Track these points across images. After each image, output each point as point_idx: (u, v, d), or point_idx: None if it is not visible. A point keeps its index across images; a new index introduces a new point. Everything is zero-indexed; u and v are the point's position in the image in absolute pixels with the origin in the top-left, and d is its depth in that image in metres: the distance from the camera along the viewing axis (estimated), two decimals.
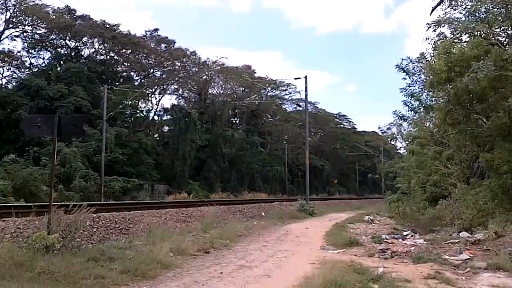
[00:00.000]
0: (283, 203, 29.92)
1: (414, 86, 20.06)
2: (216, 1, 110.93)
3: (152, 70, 57.47)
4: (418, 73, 19.94)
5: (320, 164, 70.74)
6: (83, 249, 9.01)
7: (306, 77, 32.50)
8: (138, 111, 51.41)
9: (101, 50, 54.80)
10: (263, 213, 22.30)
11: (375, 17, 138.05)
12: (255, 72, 64.16)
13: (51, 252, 7.92)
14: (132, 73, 57.39)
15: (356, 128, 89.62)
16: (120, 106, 41.54)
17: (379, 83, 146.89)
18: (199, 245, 11.24)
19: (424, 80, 17.98)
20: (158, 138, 55.12)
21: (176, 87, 59.91)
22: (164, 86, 57.85)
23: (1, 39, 46.98)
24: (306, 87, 32.78)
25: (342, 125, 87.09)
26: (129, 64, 56.49)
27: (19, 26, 48.16)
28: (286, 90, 67.90)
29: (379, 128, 51.25)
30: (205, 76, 60.43)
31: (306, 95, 34.10)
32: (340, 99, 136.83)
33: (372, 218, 23.13)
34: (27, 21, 48.06)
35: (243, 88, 63.31)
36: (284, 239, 14.51)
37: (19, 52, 49.82)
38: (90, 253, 8.68)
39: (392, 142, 42.53)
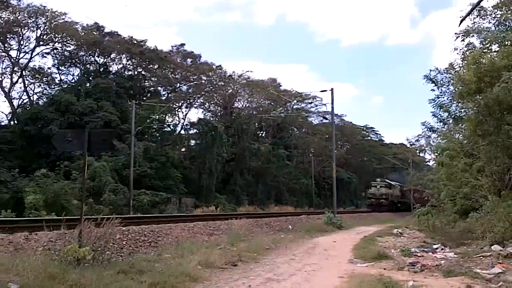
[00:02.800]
0: (310, 216, 29.74)
1: (443, 97, 19.83)
2: (240, 16, 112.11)
3: (178, 85, 58.21)
4: (447, 84, 19.72)
5: (347, 177, 70.13)
6: (113, 262, 9.13)
7: (332, 89, 32.44)
8: (165, 126, 52.08)
9: (129, 66, 55.87)
10: (290, 227, 22.20)
11: (401, 28, 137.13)
12: (280, 85, 64.44)
13: (83, 265, 8.06)
14: (159, 88, 58.27)
15: (383, 141, 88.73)
16: (148, 120, 42.15)
17: (406, 95, 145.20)
18: (227, 258, 11.26)
19: (453, 91, 17.76)
20: (185, 152, 55.61)
21: (202, 101, 60.54)
22: (191, 100, 58.53)
23: (32, 56, 48.45)
24: (332, 100, 32.72)
25: (369, 138, 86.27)
26: (156, 79, 57.34)
27: (50, 44, 49.53)
28: (312, 102, 67.90)
29: (407, 140, 50.73)
30: (230, 90, 60.89)
31: (332, 108, 34.02)
32: (366, 111, 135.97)
33: (401, 231, 22.79)
34: (57, 39, 49.39)
35: (269, 101, 63.52)
36: (312, 252, 14.41)
37: (49, 68, 51.24)
38: (120, 266, 8.79)
39: (421, 154, 41.92)
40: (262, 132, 67.38)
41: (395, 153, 73.64)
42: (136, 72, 56.09)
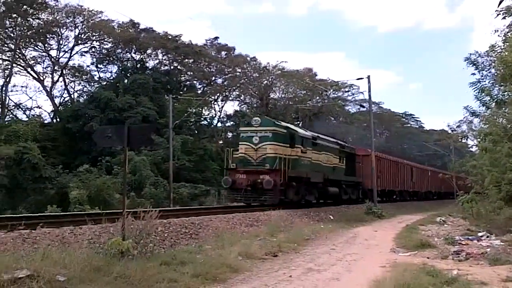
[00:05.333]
0: (349, 206, 29.44)
1: (484, 81, 19.24)
2: (272, 7, 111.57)
3: (214, 78, 58.53)
4: (488, 67, 19.11)
5: None
6: (155, 254, 9.29)
7: (369, 77, 31.84)
8: (202, 119, 52.45)
9: (164, 61, 56.54)
10: (330, 217, 22.07)
11: (438, 13, 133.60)
12: (316, 75, 63.73)
13: (126, 257, 8.23)
14: (195, 82, 58.73)
15: (424, 127, 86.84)
16: (185, 114, 42.55)
17: (445, 80, 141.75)
18: (267, 249, 11.30)
19: (495, 74, 17.20)
20: (222, 144, 55.95)
21: (237, 93, 60.65)
22: (226, 93, 58.76)
23: (72, 55, 49.78)
24: (369, 87, 32.15)
25: (409, 125, 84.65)
26: (191, 73, 57.84)
27: (88, 42, 50.76)
28: (348, 91, 67.03)
29: (448, 126, 48.75)
30: (266, 81, 60.71)
31: (369, 96, 33.46)
32: (405, 98, 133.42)
33: (444, 219, 22.35)
34: (94, 37, 50.56)
35: (305, 91, 63.04)
36: (352, 242, 14.31)
37: (88, 66, 52.68)
38: (162, 258, 8.94)
39: (463, 140, 40.91)
40: (298, 122, 67.00)
41: (436, 140, 72.04)
42: (172, 67, 56.72)
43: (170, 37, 52.60)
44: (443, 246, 12.74)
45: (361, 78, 33.70)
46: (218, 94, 57.96)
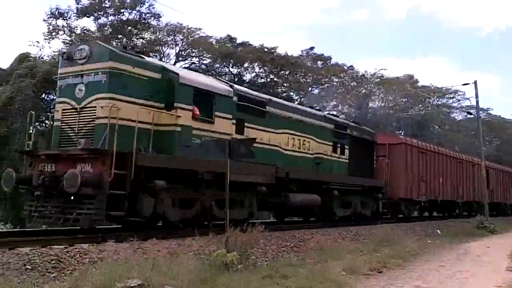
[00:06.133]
0: (457, 220, 27.87)
1: None
2: (368, 13, 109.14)
3: (310, 89, 58.31)
4: None
5: None
6: (258, 267, 9.37)
7: (475, 82, 30.08)
8: None
9: (261, 74, 57.29)
10: (437, 231, 21.01)
11: None
12: (417, 81, 61.53)
13: (231, 269, 8.36)
14: (291, 93, 58.78)
15: None
16: None
17: None
18: (371, 264, 10.94)
19: None
20: None
21: (335, 103, 60.03)
22: (323, 103, 58.35)
23: None
24: (476, 93, 30.39)
25: None
26: (288, 84, 58.06)
27: (188, 58, 52.89)
28: (453, 97, 64.03)
29: None
30: (364, 90, 59.60)
31: (477, 102, 31.54)
32: None
33: None
34: (194, 53, 52.61)
35: (406, 99, 61.07)
36: (462, 259, 13.47)
37: None
38: (265, 271, 8.98)
39: None
40: (400, 131, 64.94)
41: None
42: (268, 79, 57.34)
43: (266, 49, 53.32)
44: None
45: (467, 84, 31.99)
46: (314, 105, 57.69)
